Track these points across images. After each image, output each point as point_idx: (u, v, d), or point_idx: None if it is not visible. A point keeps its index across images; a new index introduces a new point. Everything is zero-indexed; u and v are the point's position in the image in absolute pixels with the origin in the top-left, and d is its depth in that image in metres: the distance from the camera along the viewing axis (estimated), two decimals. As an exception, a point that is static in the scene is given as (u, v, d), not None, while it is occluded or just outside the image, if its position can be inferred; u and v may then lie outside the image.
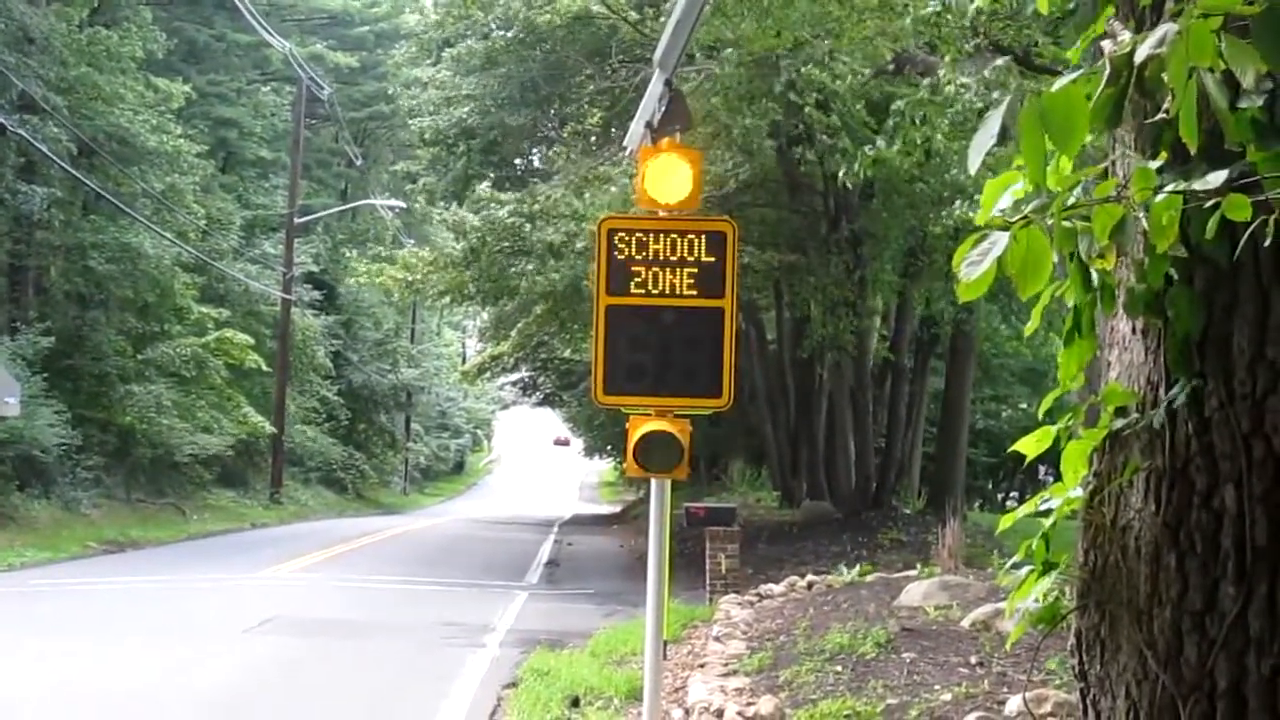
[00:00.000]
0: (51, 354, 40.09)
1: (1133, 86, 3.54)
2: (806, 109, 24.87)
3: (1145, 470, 4.08)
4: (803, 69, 23.55)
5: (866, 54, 21.71)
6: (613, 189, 26.98)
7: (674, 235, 11.33)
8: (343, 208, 68.74)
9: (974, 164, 3.84)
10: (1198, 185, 3.53)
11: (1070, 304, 4.13)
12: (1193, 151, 3.46)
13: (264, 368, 52.38)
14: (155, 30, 47.65)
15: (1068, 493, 4.45)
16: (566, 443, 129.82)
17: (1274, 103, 3.53)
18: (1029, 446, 4.48)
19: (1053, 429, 4.38)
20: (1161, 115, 3.62)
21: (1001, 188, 3.89)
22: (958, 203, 24.54)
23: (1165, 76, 3.40)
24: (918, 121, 18.07)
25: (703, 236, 11.36)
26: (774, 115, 25.88)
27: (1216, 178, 3.52)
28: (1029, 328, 4.45)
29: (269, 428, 53.82)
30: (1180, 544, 3.98)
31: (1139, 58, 3.47)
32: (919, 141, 18.75)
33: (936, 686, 11.74)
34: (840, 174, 20.18)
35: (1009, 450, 5.23)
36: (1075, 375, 4.27)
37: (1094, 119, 3.59)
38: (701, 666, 14.53)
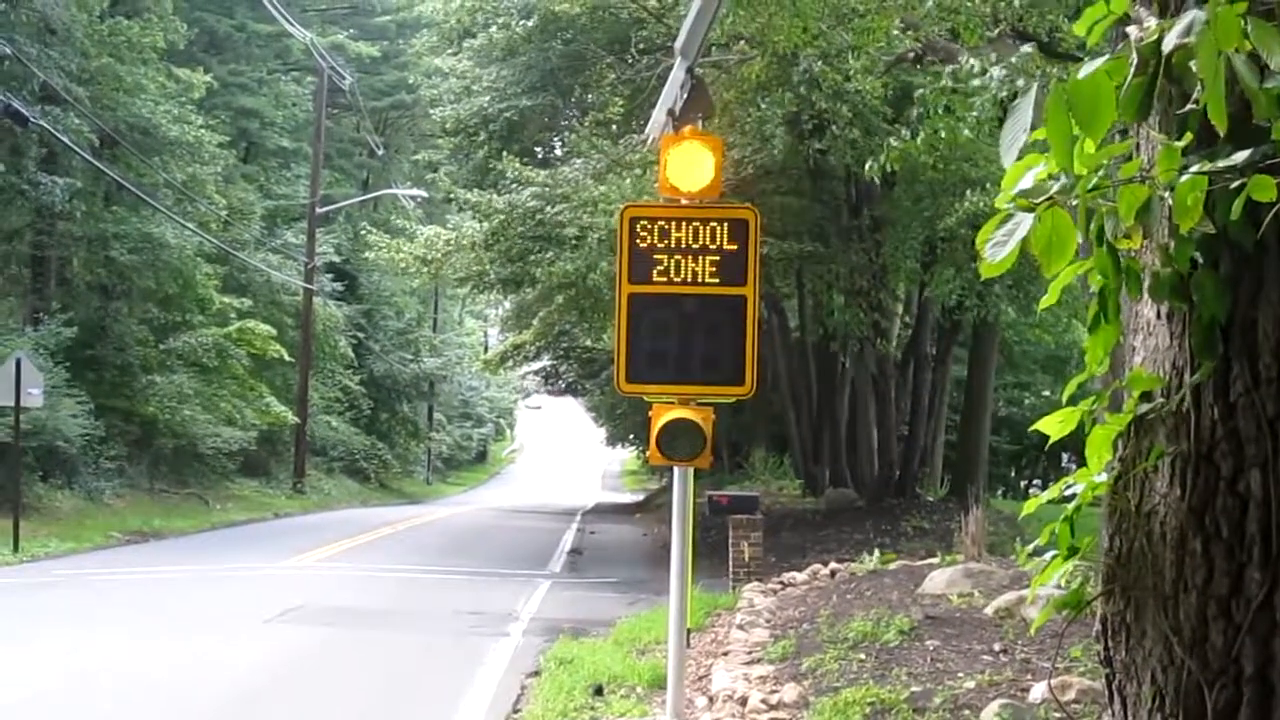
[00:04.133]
0: (74, 344, 40.19)
1: (1161, 74, 3.53)
2: (819, 100, 24.88)
3: (1170, 455, 4.07)
4: (818, 65, 23.52)
5: (888, 48, 21.63)
6: (629, 180, 26.97)
7: (696, 223, 11.35)
8: (364, 197, 68.79)
9: (1008, 158, 3.83)
10: (1223, 164, 3.52)
11: (1094, 289, 4.11)
12: (1221, 133, 3.44)
13: (286, 358, 52.48)
14: (176, 20, 47.64)
15: (1092, 478, 4.44)
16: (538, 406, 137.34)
17: (1300, 81, 3.52)
18: (1051, 427, 4.45)
19: (1076, 410, 4.36)
20: (1191, 105, 3.61)
21: (1023, 169, 3.87)
22: (968, 193, 24.52)
23: (1194, 64, 3.39)
24: (941, 112, 18.00)
25: (725, 224, 11.38)
26: (790, 106, 25.86)
27: (1241, 157, 3.51)
28: (1045, 301, 4.43)
29: (292, 417, 53.91)
30: (1206, 529, 3.96)
31: (1166, 47, 3.46)
32: (944, 135, 18.66)
33: (960, 674, 11.75)
34: (867, 166, 20.09)
35: (1031, 430, 5.21)
36: (1102, 360, 4.25)
37: (1123, 109, 3.58)
38: (725, 655, 14.54)
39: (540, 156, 40.70)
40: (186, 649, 16.65)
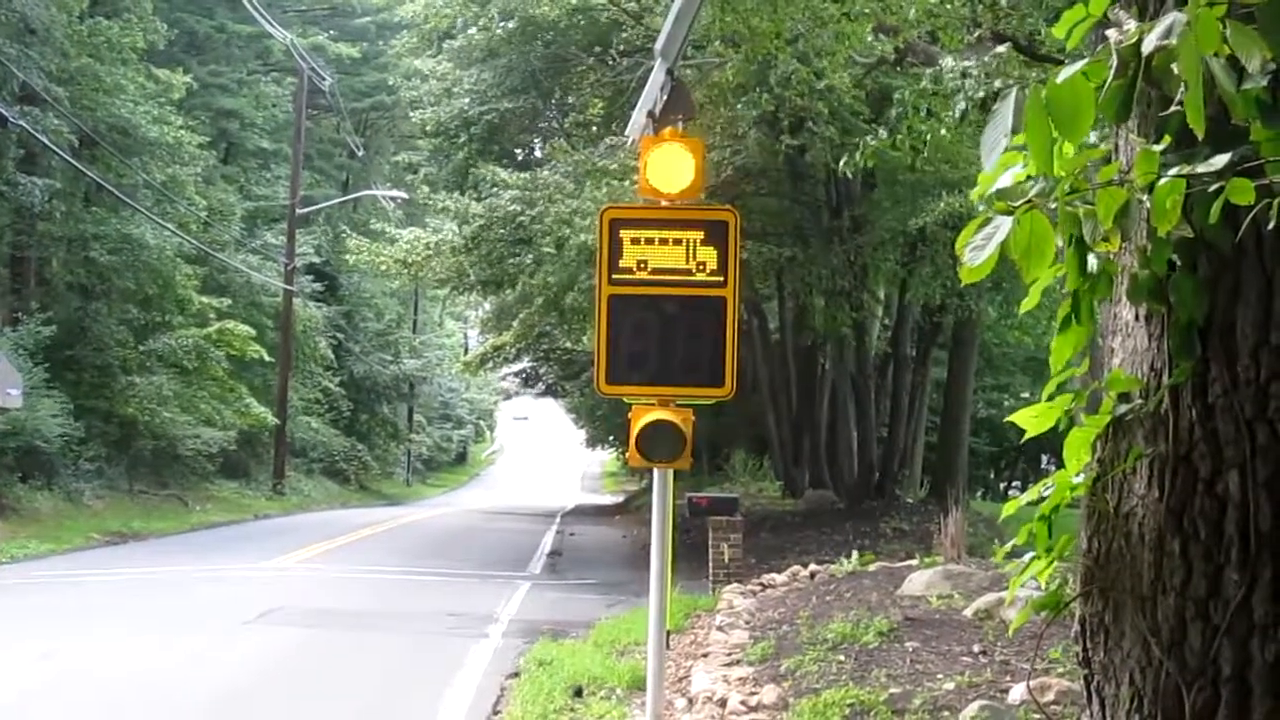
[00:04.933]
0: (53, 345, 40.08)
1: (1140, 77, 3.54)
2: (794, 98, 24.90)
3: (1149, 456, 4.07)
4: (793, 65, 23.55)
5: (868, 50, 21.67)
6: (604, 189, 26.96)
7: (676, 224, 11.33)
8: (344, 198, 68.73)
9: (989, 162, 3.83)
10: (1201, 168, 3.53)
11: (1066, 290, 4.12)
12: (1199, 136, 3.45)
13: (266, 358, 52.42)
14: (156, 21, 47.55)
15: (1069, 479, 4.44)
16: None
17: (1277, 83, 3.53)
18: (1027, 421, 4.45)
19: (1054, 406, 4.36)
20: (1176, 108, 3.61)
21: (1001, 168, 3.88)
22: (944, 194, 24.56)
23: (1175, 67, 3.40)
24: (922, 113, 18.01)
25: (705, 226, 11.37)
26: (765, 106, 25.93)
27: (1220, 160, 3.51)
28: (1026, 304, 4.42)
29: (271, 419, 53.80)
30: (1184, 530, 3.97)
31: (1146, 49, 3.46)
32: (926, 137, 18.66)
33: (939, 675, 11.76)
34: (841, 163, 20.11)
35: (1006, 421, 5.22)
36: (1070, 361, 4.27)
37: (1103, 111, 3.59)
38: (705, 656, 14.54)
39: (520, 159, 40.71)
40: (166, 651, 16.62)
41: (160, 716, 13.07)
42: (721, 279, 11.31)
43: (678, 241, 11.29)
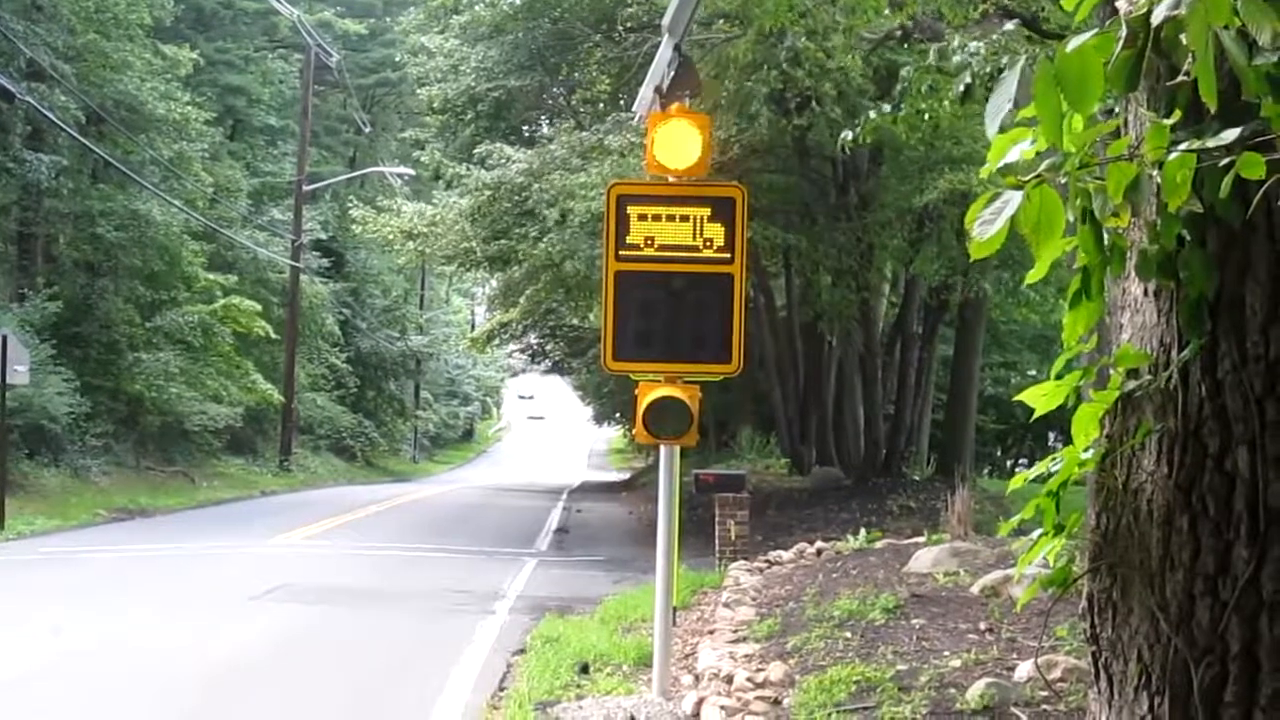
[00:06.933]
0: (60, 321, 40.16)
1: (1149, 48, 3.52)
2: (803, 78, 24.84)
3: (1157, 432, 4.06)
4: (802, 41, 23.49)
5: (873, 26, 21.62)
6: (608, 163, 26.93)
7: (683, 201, 11.32)
8: (351, 175, 68.65)
9: (992, 129, 3.81)
10: (1211, 143, 3.51)
11: (1078, 266, 4.10)
12: (1211, 110, 3.43)
13: (272, 335, 52.42)
14: (163, -3, 47.60)
15: (1077, 455, 4.43)
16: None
17: (1289, 58, 3.51)
18: (1036, 399, 4.44)
19: (1062, 384, 4.35)
20: (1182, 78, 3.60)
21: (1010, 143, 3.86)
22: (947, 170, 24.49)
23: (1183, 37, 3.38)
24: (924, 91, 17.96)
25: (712, 202, 11.36)
26: (774, 84, 25.85)
27: (1230, 135, 3.49)
28: (1033, 275, 4.40)
29: (278, 395, 53.80)
30: (1193, 506, 3.97)
31: (1156, 19, 3.44)
32: (926, 115, 18.61)
33: (946, 652, 11.74)
34: (844, 136, 20.06)
35: (1014, 399, 5.20)
36: (1084, 337, 4.25)
37: (1112, 81, 3.57)
38: (711, 633, 14.54)
39: (527, 135, 40.64)
40: (172, 626, 16.64)
41: (166, 693, 13.04)
42: (728, 255, 11.31)
43: (685, 218, 11.29)
